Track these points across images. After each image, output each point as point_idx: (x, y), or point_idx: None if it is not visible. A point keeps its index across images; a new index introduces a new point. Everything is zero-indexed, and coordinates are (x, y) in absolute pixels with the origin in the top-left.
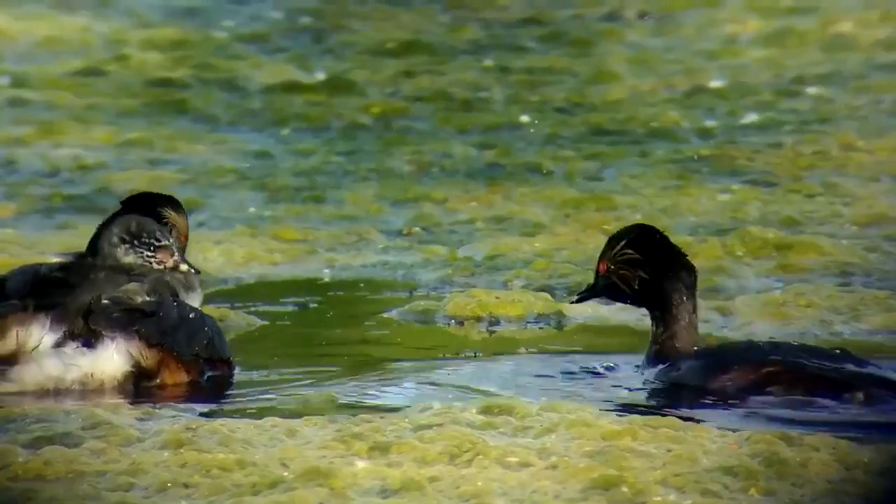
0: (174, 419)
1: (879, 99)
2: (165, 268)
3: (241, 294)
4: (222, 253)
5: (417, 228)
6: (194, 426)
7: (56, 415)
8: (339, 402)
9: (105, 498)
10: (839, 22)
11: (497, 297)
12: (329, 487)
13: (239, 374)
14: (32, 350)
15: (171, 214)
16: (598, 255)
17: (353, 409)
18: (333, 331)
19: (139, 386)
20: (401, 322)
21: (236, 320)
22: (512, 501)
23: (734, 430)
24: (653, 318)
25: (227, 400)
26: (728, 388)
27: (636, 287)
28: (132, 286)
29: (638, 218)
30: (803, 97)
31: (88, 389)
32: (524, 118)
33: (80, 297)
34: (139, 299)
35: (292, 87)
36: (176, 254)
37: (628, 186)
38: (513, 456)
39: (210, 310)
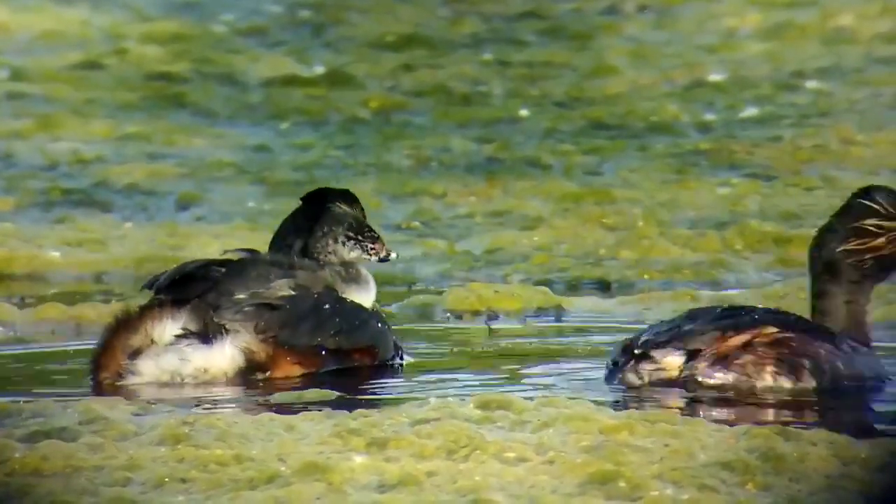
0: (171, 414)
1: (879, 92)
2: (380, 259)
3: None
4: (221, 247)
5: (416, 222)
6: (191, 421)
7: (53, 410)
8: (337, 396)
9: (102, 493)
10: (839, 15)
11: (496, 291)
12: (326, 482)
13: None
14: (154, 345)
15: (343, 208)
16: (596, 248)
17: (351, 404)
18: None
19: (251, 379)
20: (400, 316)
21: None
22: (509, 496)
23: (731, 425)
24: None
25: (224, 395)
26: None
27: None
28: (280, 281)
29: (636, 212)
30: (803, 91)
31: (203, 382)
32: (523, 112)
33: (217, 293)
34: (281, 293)
35: (291, 81)
36: (385, 244)
37: (627, 180)
38: (510, 451)
39: None
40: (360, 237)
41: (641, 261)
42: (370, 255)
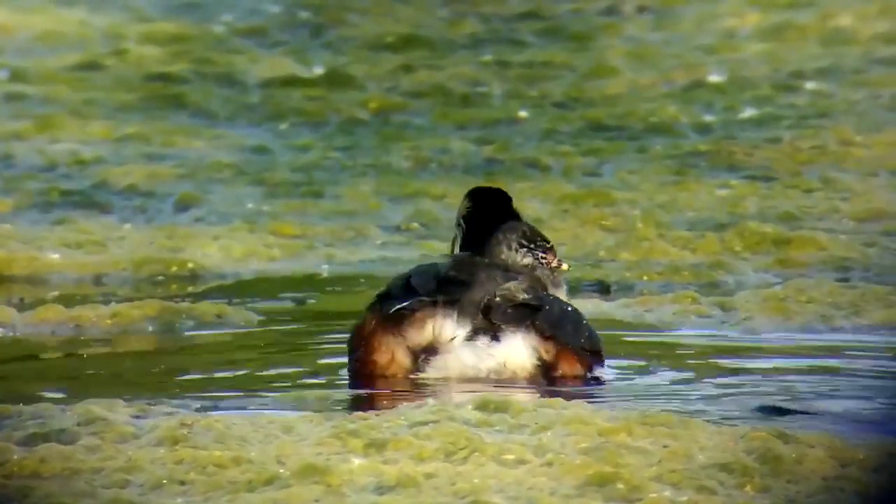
0: (170, 416)
1: (878, 94)
2: (549, 266)
3: (239, 290)
4: (220, 248)
5: (416, 224)
6: (190, 423)
7: (51, 412)
8: (336, 398)
9: (100, 495)
10: (838, 16)
11: None
12: (325, 484)
13: (235, 371)
14: (450, 341)
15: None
16: (595, 250)
17: (350, 405)
18: (331, 327)
19: (548, 377)
20: None
21: (234, 316)
22: (508, 498)
23: (730, 427)
24: None
25: (223, 396)
26: None
27: None
28: (513, 284)
29: (636, 214)
30: (802, 92)
31: (500, 379)
32: (523, 113)
33: (476, 294)
34: (521, 296)
35: (290, 82)
36: (556, 254)
37: (626, 181)
38: (509, 453)
39: (208, 306)
40: (532, 245)
41: (641, 262)
42: (542, 263)
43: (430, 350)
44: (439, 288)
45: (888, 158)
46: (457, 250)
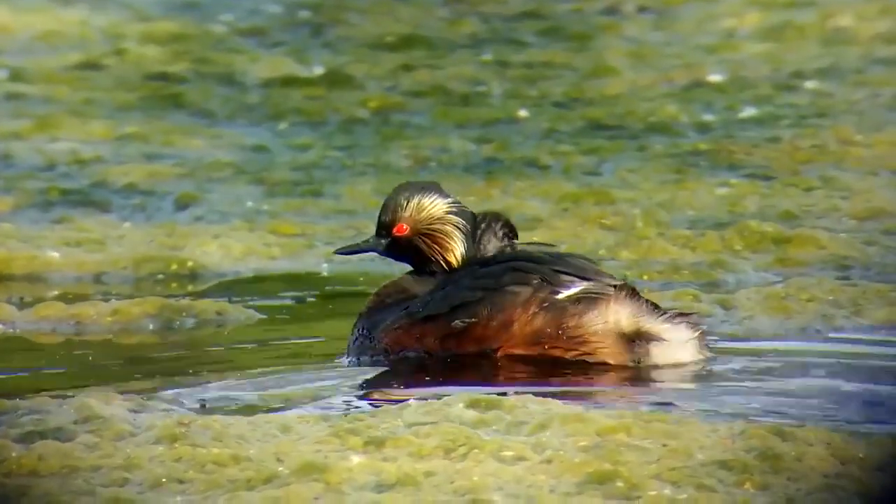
0: (167, 413)
1: (878, 93)
2: None
3: (239, 288)
4: (220, 247)
5: None
6: (187, 421)
7: (48, 408)
8: (336, 396)
9: (99, 493)
10: (838, 16)
11: None
12: (324, 482)
13: (233, 369)
14: (660, 330)
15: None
16: (595, 249)
17: (349, 403)
18: (331, 325)
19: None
20: None
21: (234, 314)
22: (507, 496)
23: (729, 425)
24: None
25: (222, 394)
26: None
27: None
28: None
29: (635, 213)
30: (802, 91)
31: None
32: (522, 112)
33: (617, 284)
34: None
35: (290, 81)
36: None
37: (626, 181)
38: (508, 450)
39: (208, 304)
40: (512, 235)
41: (641, 261)
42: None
43: (645, 336)
44: (596, 274)
45: (888, 158)
46: (460, 243)
